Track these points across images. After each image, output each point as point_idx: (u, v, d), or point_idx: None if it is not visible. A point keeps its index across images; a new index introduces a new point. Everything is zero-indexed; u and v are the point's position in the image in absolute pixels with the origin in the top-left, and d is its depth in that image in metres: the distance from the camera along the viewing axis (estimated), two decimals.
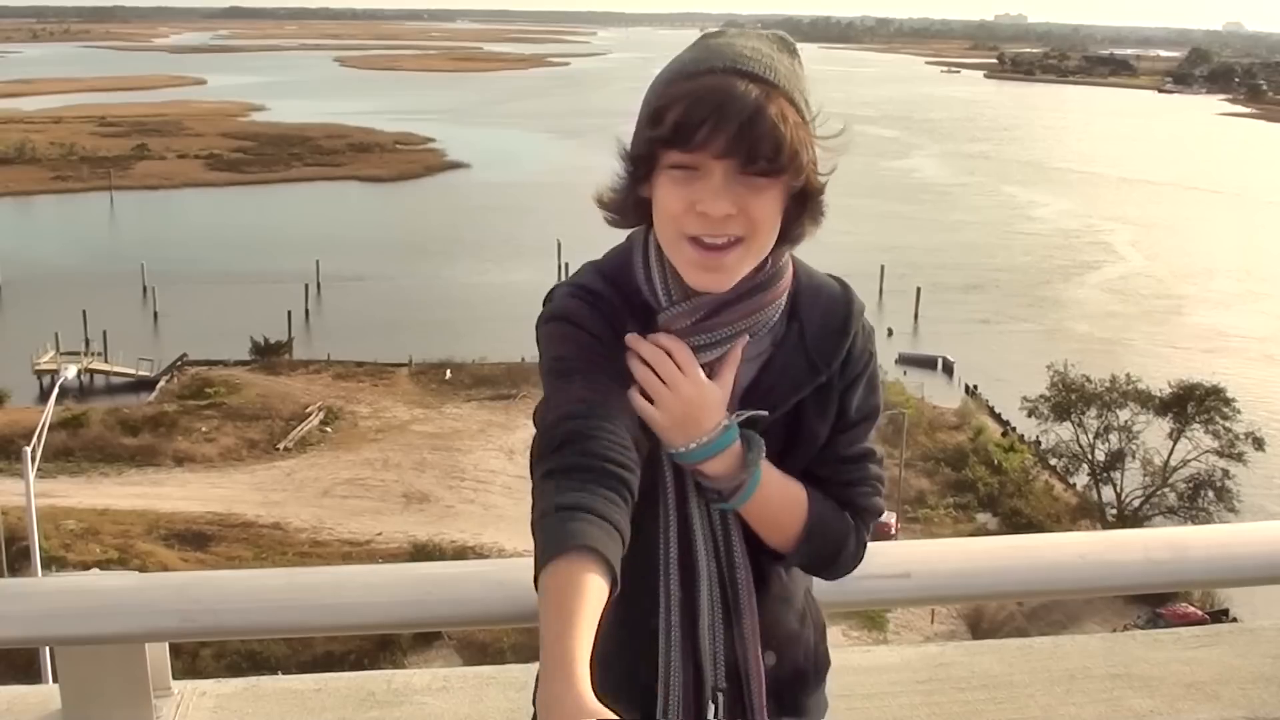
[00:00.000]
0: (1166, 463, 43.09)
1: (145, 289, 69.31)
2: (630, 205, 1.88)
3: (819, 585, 2.12)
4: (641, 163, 1.81)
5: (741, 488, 1.87)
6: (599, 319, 1.88)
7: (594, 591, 1.53)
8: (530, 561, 1.65)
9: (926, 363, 60.82)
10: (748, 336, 1.90)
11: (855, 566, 2.05)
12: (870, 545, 2.07)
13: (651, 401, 1.85)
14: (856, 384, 1.96)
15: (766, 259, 1.88)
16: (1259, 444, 42.51)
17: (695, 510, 1.91)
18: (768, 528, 1.92)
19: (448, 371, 55.27)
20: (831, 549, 1.98)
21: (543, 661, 1.47)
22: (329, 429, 48.53)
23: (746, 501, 1.88)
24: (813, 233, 1.90)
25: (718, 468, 1.86)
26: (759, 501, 1.89)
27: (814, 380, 1.92)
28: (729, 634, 1.90)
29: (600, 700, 1.41)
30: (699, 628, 1.89)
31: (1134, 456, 43.66)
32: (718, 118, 1.71)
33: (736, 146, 1.72)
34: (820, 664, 2.10)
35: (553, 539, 1.58)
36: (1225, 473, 42.04)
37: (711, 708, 1.89)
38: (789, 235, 1.88)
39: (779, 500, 1.91)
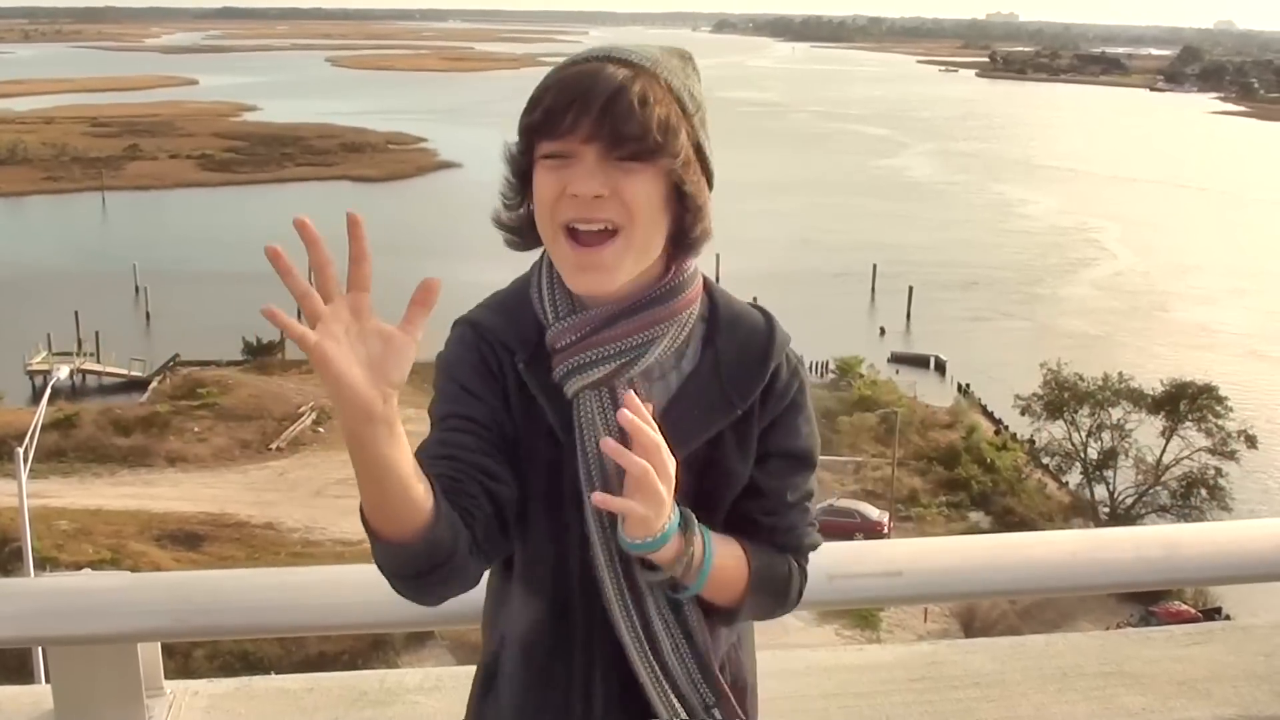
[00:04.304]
0: (1159, 461, 43.13)
1: (137, 289, 69.20)
2: (525, 218, 1.82)
3: (812, 585, 2.07)
4: (521, 158, 1.76)
5: (694, 571, 1.76)
6: (475, 360, 1.82)
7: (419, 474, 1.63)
8: None
9: (919, 361, 60.88)
10: (635, 379, 1.79)
11: (796, 604, 1.98)
12: (863, 544, 2.07)
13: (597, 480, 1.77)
14: (782, 421, 1.87)
15: (670, 269, 1.82)
16: (1251, 442, 42.57)
17: (602, 559, 1.78)
18: (712, 594, 1.82)
19: None
20: (776, 597, 1.92)
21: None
22: (321, 429, 48.43)
23: (703, 585, 1.79)
24: (708, 234, 1.80)
25: (667, 555, 1.73)
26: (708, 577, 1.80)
27: (728, 414, 1.81)
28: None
29: None
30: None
31: (1127, 455, 43.68)
32: (583, 101, 1.67)
33: (600, 128, 1.67)
34: None
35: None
36: (1218, 471, 42.09)
37: None
38: (683, 240, 1.80)
39: (723, 567, 1.81)
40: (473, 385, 1.80)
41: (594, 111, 1.67)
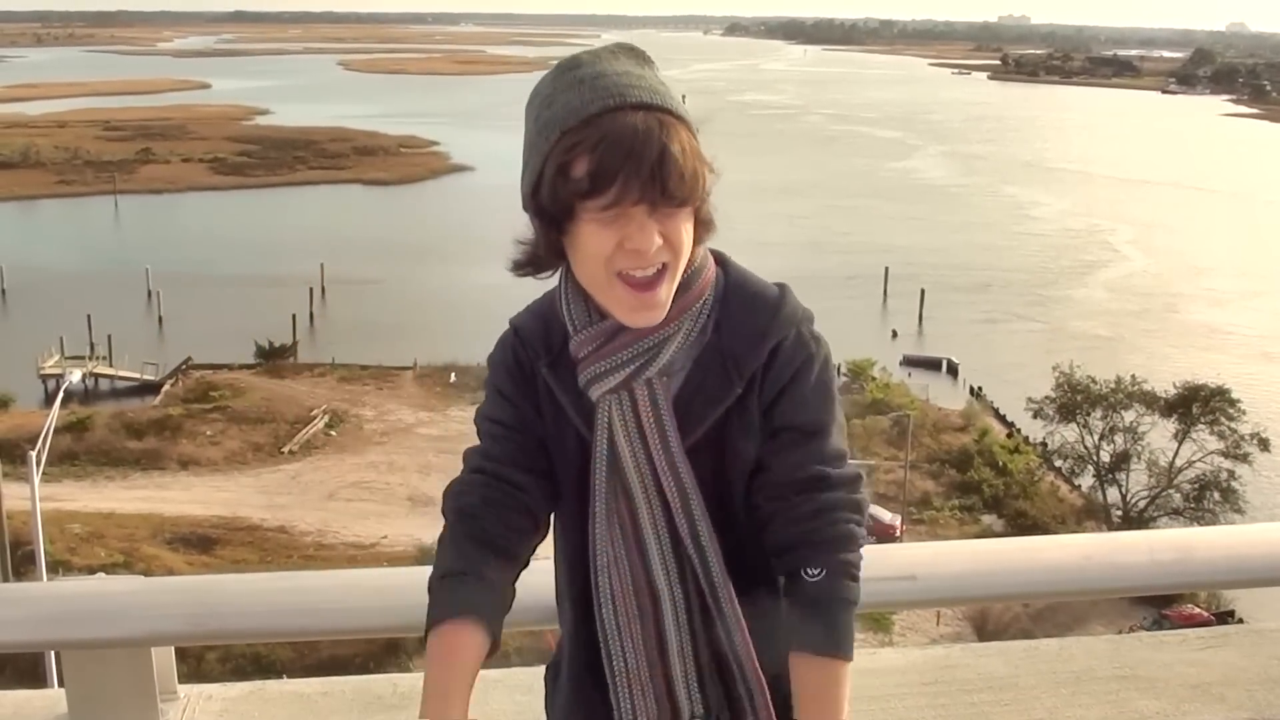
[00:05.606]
0: (1172, 464, 43.04)
1: (150, 292, 69.30)
2: (546, 253, 1.84)
3: None
4: (561, 216, 1.77)
5: None
6: (510, 363, 1.96)
7: (472, 652, 1.75)
8: (536, 566, 1.94)
9: (931, 364, 60.79)
10: (653, 378, 1.85)
11: (858, 598, 1.79)
12: (876, 548, 2.05)
13: None
14: (788, 394, 1.83)
15: None
16: (1264, 444, 42.46)
17: (649, 533, 1.85)
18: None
19: (452, 374, 55.22)
20: (835, 628, 1.76)
21: (423, 713, 1.73)
22: (334, 432, 48.52)
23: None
24: (707, 239, 1.88)
25: None
26: None
27: (730, 392, 1.82)
28: (697, 660, 1.85)
29: None
30: (668, 656, 1.85)
31: (1139, 458, 43.60)
32: (630, 165, 1.70)
33: (651, 189, 1.71)
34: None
35: (438, 603, 1.79)
36: (1231, 473, 41.98)
37: None
38: (696, 246, 1.87)
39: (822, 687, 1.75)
40: (506, 389, 1.95)
41: (644, 175, 1.71)
